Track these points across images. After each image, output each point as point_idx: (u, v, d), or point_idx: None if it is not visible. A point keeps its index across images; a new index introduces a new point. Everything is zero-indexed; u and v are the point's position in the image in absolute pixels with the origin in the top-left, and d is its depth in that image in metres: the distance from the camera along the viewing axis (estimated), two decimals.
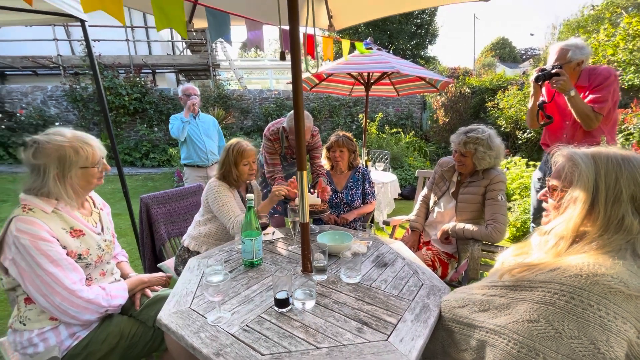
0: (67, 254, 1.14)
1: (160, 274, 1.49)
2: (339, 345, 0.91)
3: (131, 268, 1.56)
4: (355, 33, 17.95)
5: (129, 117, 8.18)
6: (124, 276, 1.46)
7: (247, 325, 1.00)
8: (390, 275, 1.32)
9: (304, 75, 3.62)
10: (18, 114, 7.64)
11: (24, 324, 1.13)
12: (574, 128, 2.03)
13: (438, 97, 8.23)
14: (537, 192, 2.22)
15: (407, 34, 18.77)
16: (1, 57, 8.78)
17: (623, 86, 5.52)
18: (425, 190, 2.14)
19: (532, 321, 0.77)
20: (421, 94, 9.07)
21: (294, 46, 1.22)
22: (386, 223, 2.39)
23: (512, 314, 0.83)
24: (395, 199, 3.77)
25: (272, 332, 0.97)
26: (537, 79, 1.99)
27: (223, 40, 1.71)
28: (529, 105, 2.17)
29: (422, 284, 1.24)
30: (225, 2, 1.98)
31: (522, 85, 7.61)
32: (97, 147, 1.25)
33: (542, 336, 0.74)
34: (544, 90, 2.16)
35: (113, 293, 1.23)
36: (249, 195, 1.39)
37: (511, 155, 5.41)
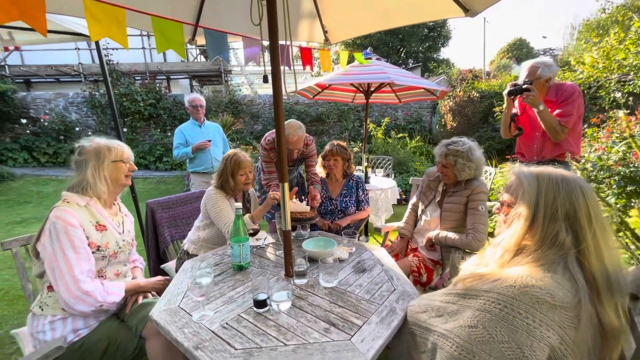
0: (88, 244, 1.32)
1: (157, 278, 1.59)
2: (305, 343, 1.01)
3: (142, 274, 1.70)
4: (367, 37, 18.05)
5: (144, 122, 8.53)
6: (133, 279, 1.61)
7: (226, 323, 1.11)
8: (366, 280, 1.42)
9: (306, 84, 3.75)
10: (42, 120, 8.08)
11: (42, 309, 1.29)
12: (543, 139, 2.19)
13: (446, 101, 8.21)
14: None
15: (419, 37, 18.70)
16: (27, 65, 9.32)
17: (635, 91, 5.41)
18: (414, 199, 2.21)
19: (472, 327, 0.85)
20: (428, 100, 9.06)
21: (274, 62, 1.33)
22: (378, 230, 2.47)
23: (458, 319, 0.91)
24: (394, 205, 3.83)
25: (247, 329, 1.08)
26: (509, 94, 2.17)
27: (221, 58, 1.84)
28: (503, 117, 2.35)
29: (394, 289, 1.32)
30: (223, 22, 2.13)
31: None
32: (126, 148, 1.54)
33: (479, 340, 0.82)
34: (517, 103, 2.31)
35: (110, 290, 1.33)
36: (237, 204, 1.51)
37: (518, 161, 5.37)
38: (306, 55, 2.48)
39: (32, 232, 1.64)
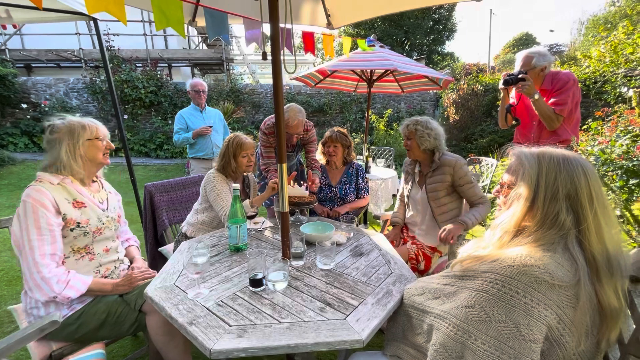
0: (67, 222, 1.29)
1: (122, 278, 1.45)
2: (300, 321, 1.01)
3: (139, 252, 1.70)
4: (371, 28, 17.78)
5: (144, 110, 8.48)
6: (131, 259, 1.62)
7: (221, 301, 1.11)
8: (363, 263, 1.41)
9: (308, 71, 3.70)
10: (42, 105, 8.05)
11: (31, 290, 1.27)
12: (540, 127, 2.22)
13: (450, 94, 8.13)
14: None
15: (424, 30, 18.46)
16: (28, 50, 9.24)
17: None
18: (400, 189, 2.22)
19: (469, 307, 0.84)
20: (432, 91, 8.97)
21: (274, 44, 1.30)
22: (377, 217, 2.46)
23: (455, 300, 0.90)
24: (394, 195, 3.82)
25: (242, 307, 1.08)
26: (505, 83, 2.17)
27: (221, 39, 1.80)
28: (500, 108, 2.39)
29: (391, 273, 1.32)
30: (225, 2, 2.08)
31: None
32: (101, 126, 1.46)
33: (476, 320, 0.81)
34: (514, 93, 2.34)
35: (71, 282, 1.26)
36: (234, 186, 1.50)
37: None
38: (308, 40, 2.44)
39: (6, 217, 1.58)
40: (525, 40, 34.62)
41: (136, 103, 8.29)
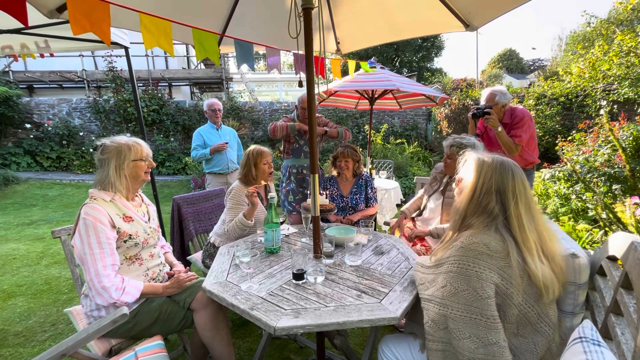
0: (121, 234, 1.43)
1: (172, 281, 1.59)
2: (342, 305, 1.20)
3: (175, 258, 1.87)
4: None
5: (146, 128, 8.66)
6: (169, 264, 1.78)
7: (272, 292, 1.29)
8: (385, 260, 1.61)
9: (316, 91, 3.97)
10: (45, 125, 8.18)
11: (94, 296, 1.43)
12: (504, 154, 2.48)
13: (442, 109, 8.53)
14: None
15: (413, 47, 19.25)
16: (31, 71, 9.43)
17: (619, 99, 5.75)
18: (421, 191, 2.45)
19: (444, 286, 1.09)
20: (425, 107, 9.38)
21: (308, 68, 1.54)
22: (387, 223, 2.67)
23: (435, 285, 1.15)
24: (397, 205, 4.04)
25: (291, 296, 1.26)
26: (473, 116, 2.52)
27: (247, 66, 2.05)
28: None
29: (412, 267, 1.52)
30: (249, 33, 2.34)
31: (523, 98, 7.86)
32: (144, 146, 1.59)
33: (449, 294, 1.06)
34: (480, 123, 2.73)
35: (127, 289, 1.41)
36: (272, 194, 1.70)
37: None
38: (320, 65, 2.71)
39: (59, 227, 1.76)
40: (509, 56, 36.02)
41: (138, 122, 8.49)
